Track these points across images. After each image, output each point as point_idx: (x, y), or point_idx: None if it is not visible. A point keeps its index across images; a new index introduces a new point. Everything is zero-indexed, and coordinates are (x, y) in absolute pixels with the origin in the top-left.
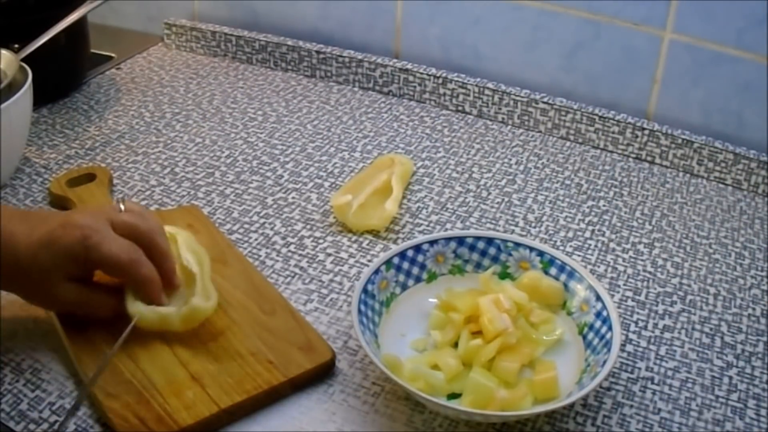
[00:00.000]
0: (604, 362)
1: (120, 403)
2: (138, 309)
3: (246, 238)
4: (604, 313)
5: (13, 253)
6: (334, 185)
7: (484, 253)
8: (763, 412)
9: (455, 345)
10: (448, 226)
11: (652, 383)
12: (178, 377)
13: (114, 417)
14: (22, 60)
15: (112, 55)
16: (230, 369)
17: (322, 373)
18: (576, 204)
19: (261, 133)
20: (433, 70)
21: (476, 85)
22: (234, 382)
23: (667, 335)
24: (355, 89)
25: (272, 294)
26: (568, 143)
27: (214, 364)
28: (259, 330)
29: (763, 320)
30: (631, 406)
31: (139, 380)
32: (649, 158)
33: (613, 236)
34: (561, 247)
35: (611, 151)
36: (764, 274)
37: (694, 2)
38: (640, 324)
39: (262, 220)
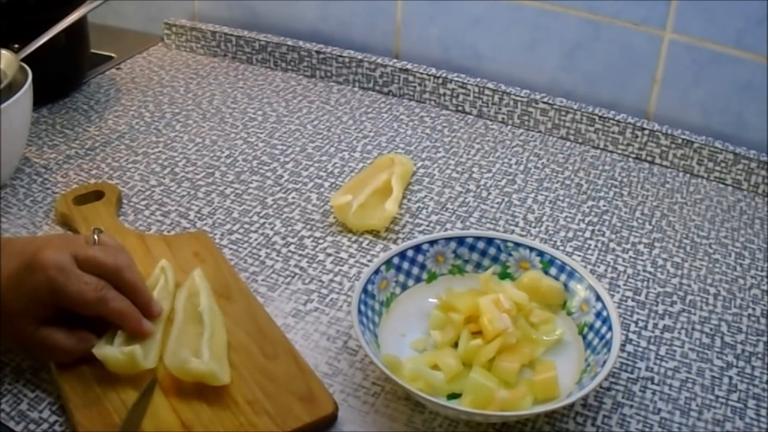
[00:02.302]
0: (604, 362)
1: None
2: (102, 352)
3: (246, 238)
4: (604, 313)
5: None
6: (334, 185)
7: (484, 253)
8: (763, 412)
9: (455, 345)
10: (448, 226)
11: (652, 383)
12: (167, 423)
13: None
14: (22, 60)
15: (112, 55)
16: (223, 418)
17: (322, 427)
18: (576, 204)
19: (261, 133)
20: (433, 70)
21: (476, 85)
22: None
23: (667, 335)
24: (355, 89)
25: (276, 335)
26: (568, 143)
27: (207, 411)
28: (259, 376)
29: (763, 320)
30: (631, 406)
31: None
32: (649, 158)
33: (613, 236)
34: (561, 247)
35: (611, 151)
36: (764, 274)
37: (694, 2)
38: (640, 324)
39: (262, 220)
